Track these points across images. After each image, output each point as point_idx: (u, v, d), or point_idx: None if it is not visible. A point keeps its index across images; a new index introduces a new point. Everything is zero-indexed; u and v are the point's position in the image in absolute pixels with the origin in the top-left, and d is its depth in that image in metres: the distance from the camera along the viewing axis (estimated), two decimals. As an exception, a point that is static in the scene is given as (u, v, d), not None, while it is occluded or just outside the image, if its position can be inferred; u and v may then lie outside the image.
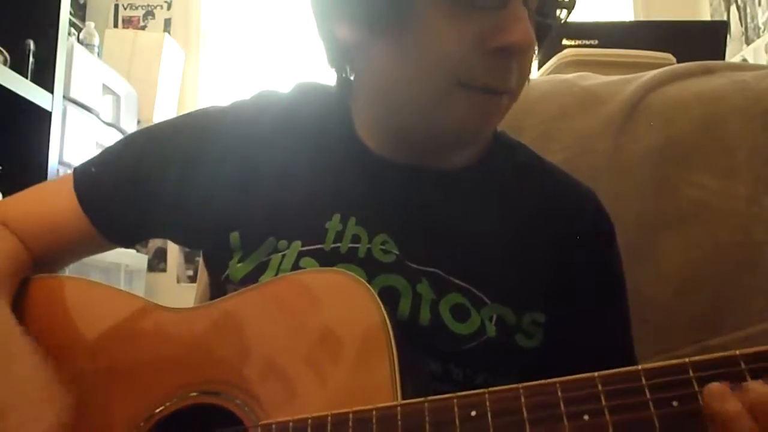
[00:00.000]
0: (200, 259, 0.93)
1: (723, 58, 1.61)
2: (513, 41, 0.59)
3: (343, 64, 0.70)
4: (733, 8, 2.82)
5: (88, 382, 0.63)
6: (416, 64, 0.62)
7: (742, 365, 0.46)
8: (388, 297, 0.60)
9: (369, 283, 0.59)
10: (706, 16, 3.10)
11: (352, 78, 0.71)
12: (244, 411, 0.57)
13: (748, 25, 2.67)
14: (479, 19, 0.59)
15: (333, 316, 0.58)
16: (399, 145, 0.69)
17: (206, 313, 0.64)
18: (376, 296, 0.57)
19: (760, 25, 2.57)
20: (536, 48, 0.65)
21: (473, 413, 0.49)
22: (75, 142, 2.31)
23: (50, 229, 0.74)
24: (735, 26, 2.77)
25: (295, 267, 0.65)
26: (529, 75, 0.66)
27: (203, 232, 0.72)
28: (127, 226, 0.75)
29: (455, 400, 0.50)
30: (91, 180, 0.74)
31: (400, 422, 0.50)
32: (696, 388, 0.46)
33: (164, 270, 3.26)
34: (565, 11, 0.65)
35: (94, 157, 0.77)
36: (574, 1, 0.64)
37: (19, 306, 0.67)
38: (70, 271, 1.01)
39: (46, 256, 0.74)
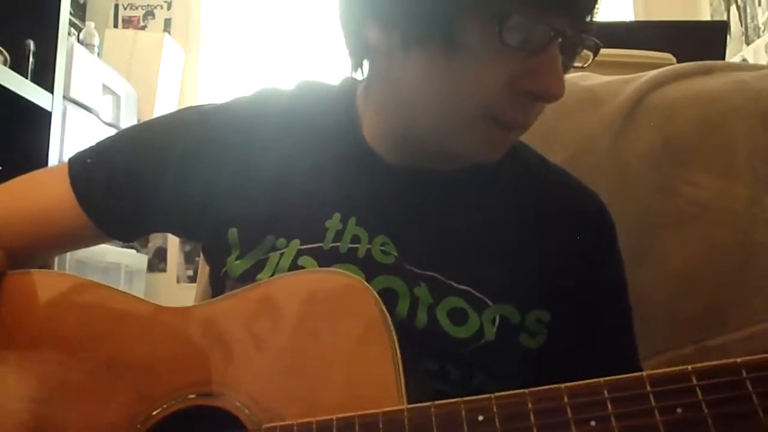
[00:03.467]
0: (200, 259, 0.93)
1: (723, 58, 1.61)
2: (546, 90, 0.60)
3: (362, 59, 0.69)
4: (733, 8, 2.82)
5: (82, 382, 0.63)
6: (448, 88, 0.61)
7: (744, 374, 0.46)
8: (387, 298, 0.59)
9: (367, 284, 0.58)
10: (706, 16, 3.10)
11: (364, 76, 0.70)
12: (245, 413, 0.57)
13: (748, 25, 2.67)
14: (518, 59, 0.59)
15: (333, 315, 0.58)
16: (406, 150, 0.69)
17: (203, 313, 0.63)
18: (377, 296, 0.57)
19: (760, 25, 2.57)
20: None
21: (480, 418, 0.49)
22: (75, 142, 2.31)
23: (39, 220, 0.73)
24: (735, 26, 2.77)
25: (294, 265, 0.65)
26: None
27: (201, 226, 0.72)
28: (123, 218, 0.74)
29: (462, 405, 0.50)
30: (87, 171, 0.73)
31: (407, 427, 0.50)
32: (699, 396, 0.46)
33: (164, 270, 3.26)
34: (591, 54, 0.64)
35: (89, 148, 0.76)
36: (600, 47, 0.63)
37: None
38: (69, 270, 1.01)
39: (32, 247, 0.73)
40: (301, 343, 0.58)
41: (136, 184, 0.72)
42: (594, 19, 0.62)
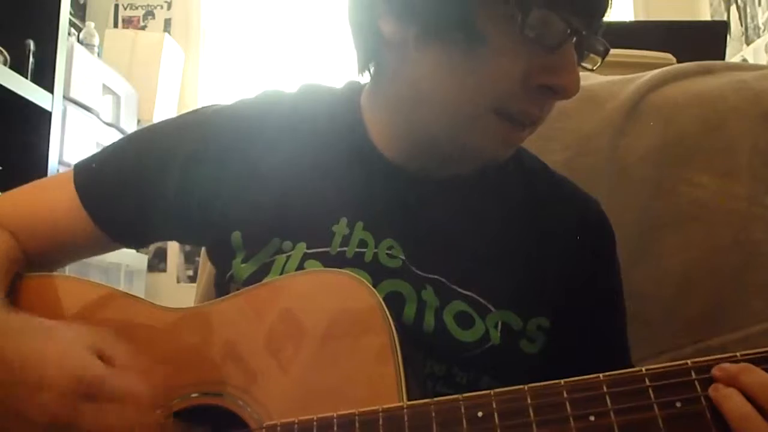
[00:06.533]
0: (200, 259, 0.93)
1: (723, 58, 1.62)
2: (560, 84, 0.61)
3: (371, 56, 0.68)
4: (733, 8, 2.82)
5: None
6: (462, 81, 0.61)
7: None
8: (394, 302, 0.60)
9: (375, 288, 0.58)
10: (706, 16, 3.10)
11: (371, 76, 0.70)
12: (247, 412, 0.57)
13: (748, 25, 2.67)
14: (534, 54, 0.60)
15: (335, 315, 0.58)
16: (415, 152, 0.69)
17: (205, 313, 0.63)
18: (378, 296, 0.57)
19: (760, 25, 2.57)
20: None
21: (480, 414, 0.49)
22: (75, 142, 2.31)
23: (48, 226, 0.73)
24: (735, 26, 2.77)
25: (300, 269, 0.65)
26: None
27: (205, 230, 0.72)
28: (129, 223, 0.74)
29: (461, 401, 0.50)
30: (92, 176, 0.73)
31: (406, 423, 0.50)
32: (698, 390, 0.46)
33: (164, 270, 3.25)
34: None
35: (95, 154, 0.76)
36: (608, 50, 0.64)
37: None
38: (70, 270, 1.00)
39: (42, 254, 0.73)
40: (303, 343, 0.58)
41: (141, 188, 0.72)
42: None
